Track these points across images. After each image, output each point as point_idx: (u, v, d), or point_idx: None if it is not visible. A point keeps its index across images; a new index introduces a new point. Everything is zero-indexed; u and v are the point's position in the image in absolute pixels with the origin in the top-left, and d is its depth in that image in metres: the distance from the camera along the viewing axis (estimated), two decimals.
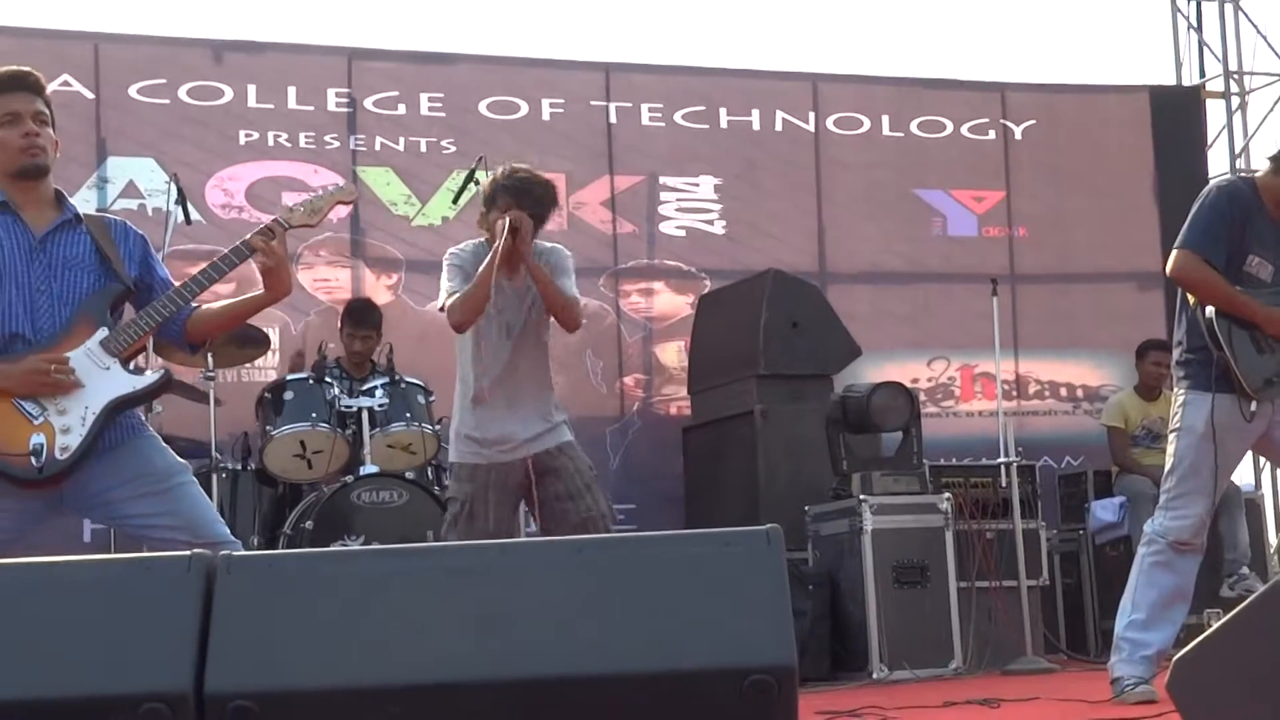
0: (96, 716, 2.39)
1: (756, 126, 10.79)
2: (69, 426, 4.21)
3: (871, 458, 8.33)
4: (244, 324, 7.23)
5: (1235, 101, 12.16)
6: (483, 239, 5.87)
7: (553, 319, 5.94)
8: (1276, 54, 12.10)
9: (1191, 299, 5.39)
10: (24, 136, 4.31)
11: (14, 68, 4.38)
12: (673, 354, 10.31)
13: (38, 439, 4.19)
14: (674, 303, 10.42)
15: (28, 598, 2.52)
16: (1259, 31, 12.12)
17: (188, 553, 2.55)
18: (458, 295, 5.67)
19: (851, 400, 8.35)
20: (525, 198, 5.81)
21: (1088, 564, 9.26)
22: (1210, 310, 5.26)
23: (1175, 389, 5.50)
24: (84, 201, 8.11)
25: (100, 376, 4.28)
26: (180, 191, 7.93)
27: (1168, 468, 5.45)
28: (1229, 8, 12.19)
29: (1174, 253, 5.35)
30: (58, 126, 4.46)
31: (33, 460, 4.17)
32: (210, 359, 7.42)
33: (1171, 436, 5.44)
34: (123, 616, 2.47)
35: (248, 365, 8.88)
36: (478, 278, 5.63)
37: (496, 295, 5.70)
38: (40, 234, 4.35)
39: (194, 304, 4.47)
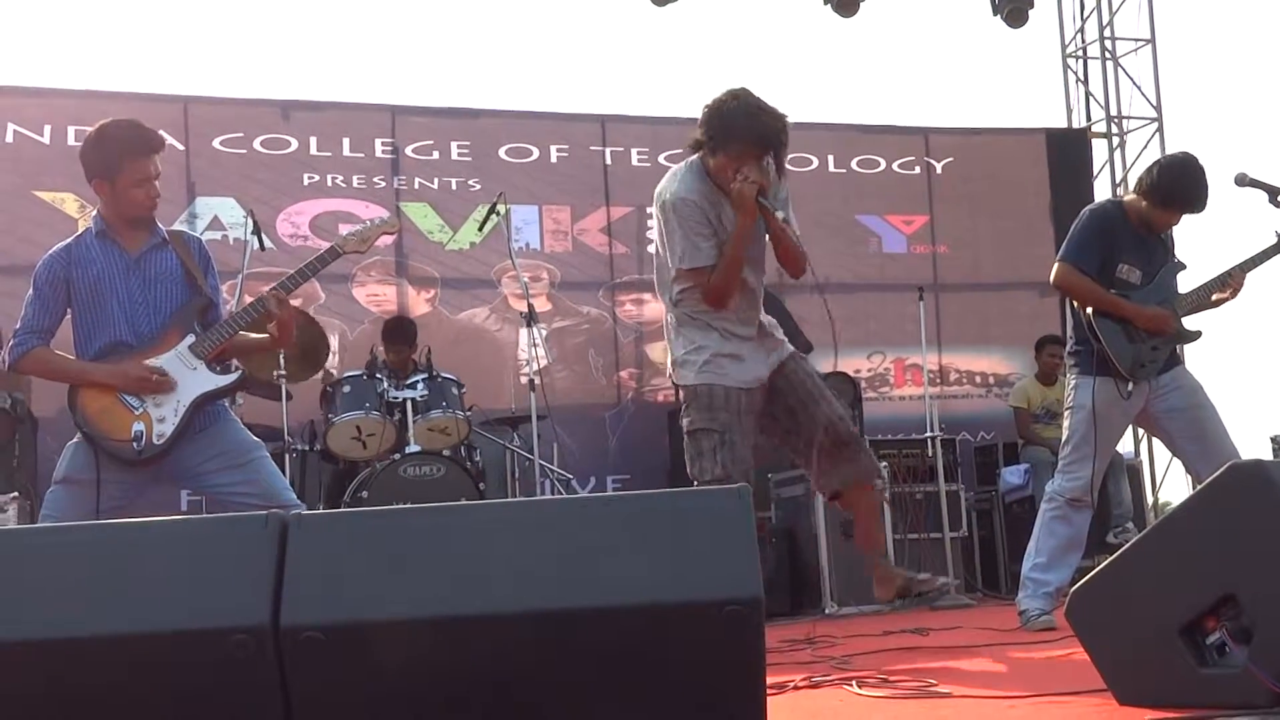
0: (192, 647, 2.39)
1: None
2: (164, 417, 4.24)
3: None
4: (310, 334, 7.31)
5: (1115, 141, 12.17)
6: (699, 176, 4.64)
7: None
8: (1149, 101, 12.11)
9: (1074, 303, 5.43)
10: (149, 197, 4.34)
11: (148, 130, 4.36)
12: (660, 351, 10.25)
13: (138, 427, 4.21)
14: (660, 310, 10.34)
15: (134, 551, 2.51)
16: (1134, 83, 12.15)
17: (265, 512, 2.54)
18: (716, 274, 4.60)
19: None
20: (766, 144, 4.54)
21: (999, 519, 9.27)
22: (1090, 310, 5.31)
23: (1067, 375, 5.53)
24: None
25: (189, 375, 4.29)
26: (256, 224, 7.92)
27: (1064, 439, 5.47)
28: (1110, 64, 12.20)
29: (1056, 265, 5.40)
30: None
31: (134, 445, 4.19)
32: (281, 360, 7.43)
33: (1066, 414, 5.46)
34: (212, 565, 2.46)
35: None
36: (730, 258, 4.58)
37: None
38: (136, 254, 4.35)
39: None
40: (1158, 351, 5.34)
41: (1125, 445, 11.17)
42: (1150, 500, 10.72)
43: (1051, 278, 5.42)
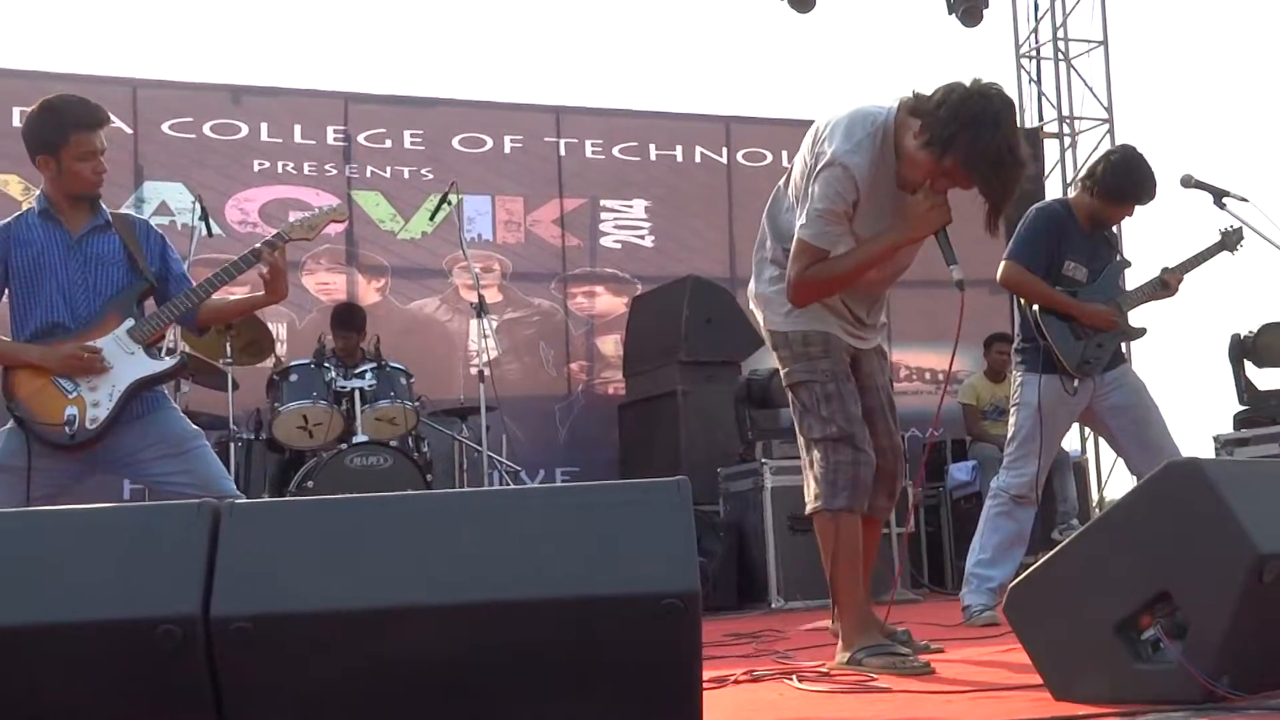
0: (119, 637, 2.36)
1: (680, 159, 10.80)
2: (98, 401, 4.18)
3: (772, 429, 8.32)
4: (255, 330, 7.26)
5: (1067, 141, 12.26)
6: (884, 146, 3.81)
7: None
8: (1100, 103, 12.20)
9: (1021, 301, 5.45)
10: (95, 173, 4.27)
11: (93, 104, 4.30)
12: (610, 345, 10.29)
13: (71, 411, 4.16)
14: (611, 303, 10.40)
15: (62, 539, 2.48)
16: (1086, 85, 12.25)
17: (197, 500, 2.51)
18: (822, 275, 3.91)
19: (755, 382, 8.36)
20: (991, 187, 3.78)
21: (946, 515, 9.31)
22: (1036, 307, 5.34)
23: (1014, 372, 5.56)
24: None
25: (126, 360, 4.23)
26: (204, 210, 7.86)
27: (1009, 435, 5.49)
28: (1062, 65, 12.28)
29: (1002, 264, 5.41)
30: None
31: (66, 429, 4.14)
32: (229, 349, 7.38)
33: (1012, 411, 5.49)
34: (142, 554, 2.43)
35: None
36: (851, 272, 3.95)
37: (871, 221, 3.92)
38: (77, 235, 4.29)
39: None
40: (1103, 349, 5.38)
41: (1071, 442, 11.24)
42: (1095, 497, 10.80)
43: (998, 276, 5.44)
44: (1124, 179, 5.33)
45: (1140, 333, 5.56)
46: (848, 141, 3.78)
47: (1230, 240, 5.59)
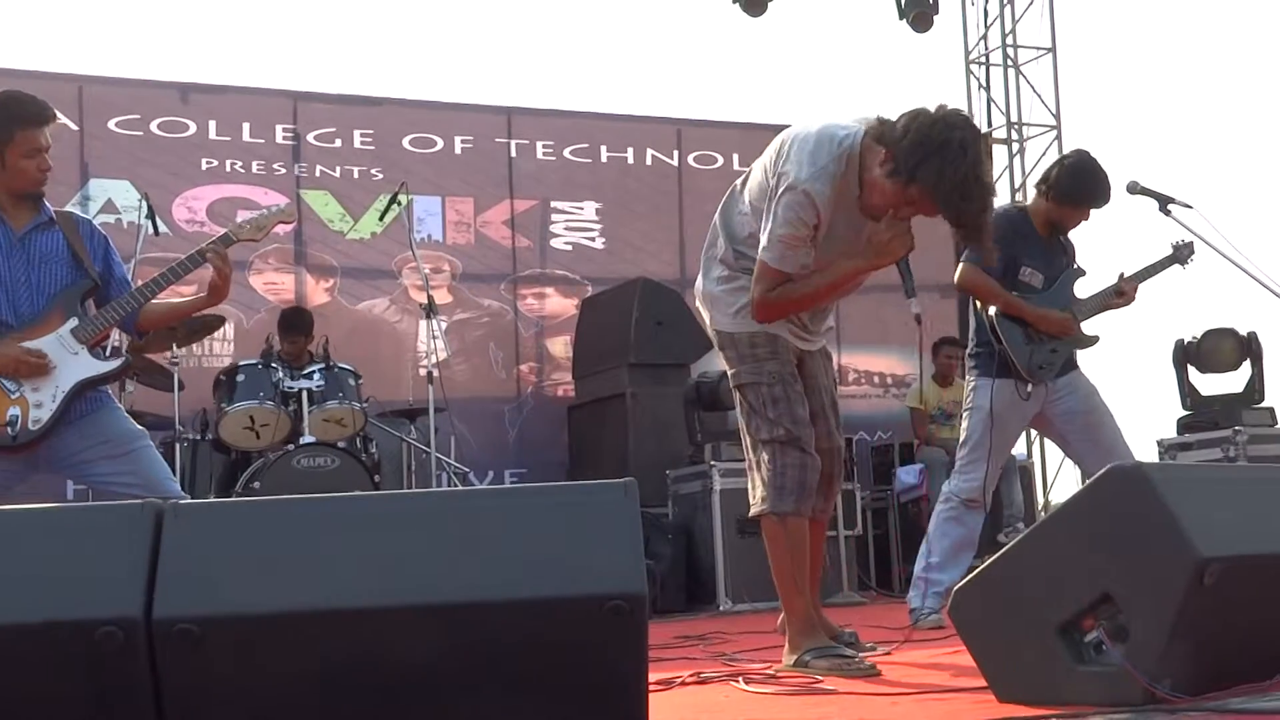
0: (59, 639, 2.33)
1: (631, 161, 10.80)
2: (41, 402, 4.13)
3: (720, 431, 8.34)
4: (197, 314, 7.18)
5: (1015, 147, 12.36)
6: (845, 168, 3.80)
7: None
8: (1049, 109, 12.30)
9: (978, 304, 5.48)
10: (40, 170, 4.23)
11: (39, 101, 4.25)
12: (560, 346, 10.28)
13: (13, 411, 4.11)
14: (562, 304, 10.39)
15: (1, 539, 2.44)
16: (1035, 91, 12.34)
17: (140, 500, 2.48)
18: (784, 298, 3.96)
19: (705, 384, 8.37)
20: (959, 216, 3.72)
21: (894, 518, 9.36)
22: (992, 310, 5.37)
23: (967, 376, 5.58)
24: None
25: (69, 360, 4.19)
26: (150, 208, 7.78)
27: (961, 439, 5.52)
28: (1011, 72, 12.38)
29: (960, 266, 5.43)
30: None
31: (8, 430, 4.09)
32: (175, 346, 7.32)
33: (965, 415, 5.51)
34: (82, 555, 2.40)
35: (206, 354, 8.76)
36: (819, 288, 3.97)
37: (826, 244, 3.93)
38: (20, 232, 4.24)
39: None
40: (1056, 354, 5.42)
41: (1018, 446, 11.34)
42: (1041, 501, 10.88)
43: (956, 278, 5.46)
44: (1079, 183, 5.37)
45: (1093, 340, 5.60)
46: (812, 166, 3.78)
47: (1181, 254, 5.67)
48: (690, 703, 3.52)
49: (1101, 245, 6.01)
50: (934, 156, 3.59)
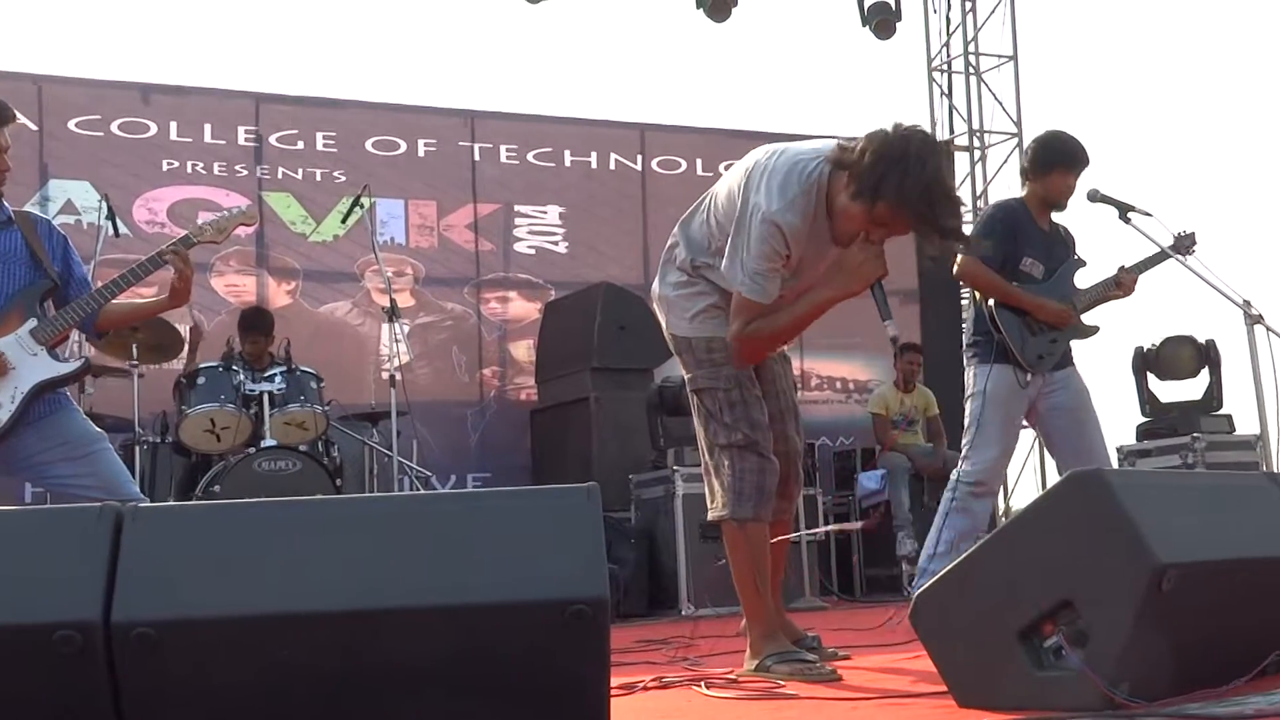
0: (16, 642, 2.31)
1: (594, 165, 10.80)
2: (0, 403, 4.09)
3: (684, 436, 8.31)
4: (162, 333, 7.15)
5: (977, 154, 12.44)
6: (813, 198, 3.78)
7: None
8: (1010, 117, 12.38)
9: (977, 295, 5.49)
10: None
11: None
12: (523, 350, 10.27)
13: None
14: (525, 308, 10.38)
15: None
16: (996, 99, 12.43)
17: (99, 503, 2.47)
18: (759, 335, 3.93)
19: (668, 389, 8.37)
20: (934, 229, 3.70)
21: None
22: (992, 301, 5.38)
23: (966, 365, 5.54)
24: None
25: (28, 361, 4.16)
26: (111, 209, 7.73)
27: (965, 426, 5.48)
28: (973, 79, 12.45)
29: (959, 257, 5.42)
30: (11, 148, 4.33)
31: None
32: (135, 350, 7.26)
33: (966, 402, 5.49)
34: (41, 558, 2.38)
35: None
36: (795, 319, 3.97)
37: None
38: None
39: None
40: (1056, 345, 5.43)
41: None
42: (1002, 507, 10.93)
43: (955, 269, 5.45)
44: (1053, 148, 5.44)
45: (1093, 331, 5.61)
46: (782, 198, 3.76)
47: (1184, 244, 5.61)
48: (652, 708, 3.52)
49: (1102, 239, 6.00)
50: (893, 171, 3.59)
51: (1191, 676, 2.95)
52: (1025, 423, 5.59)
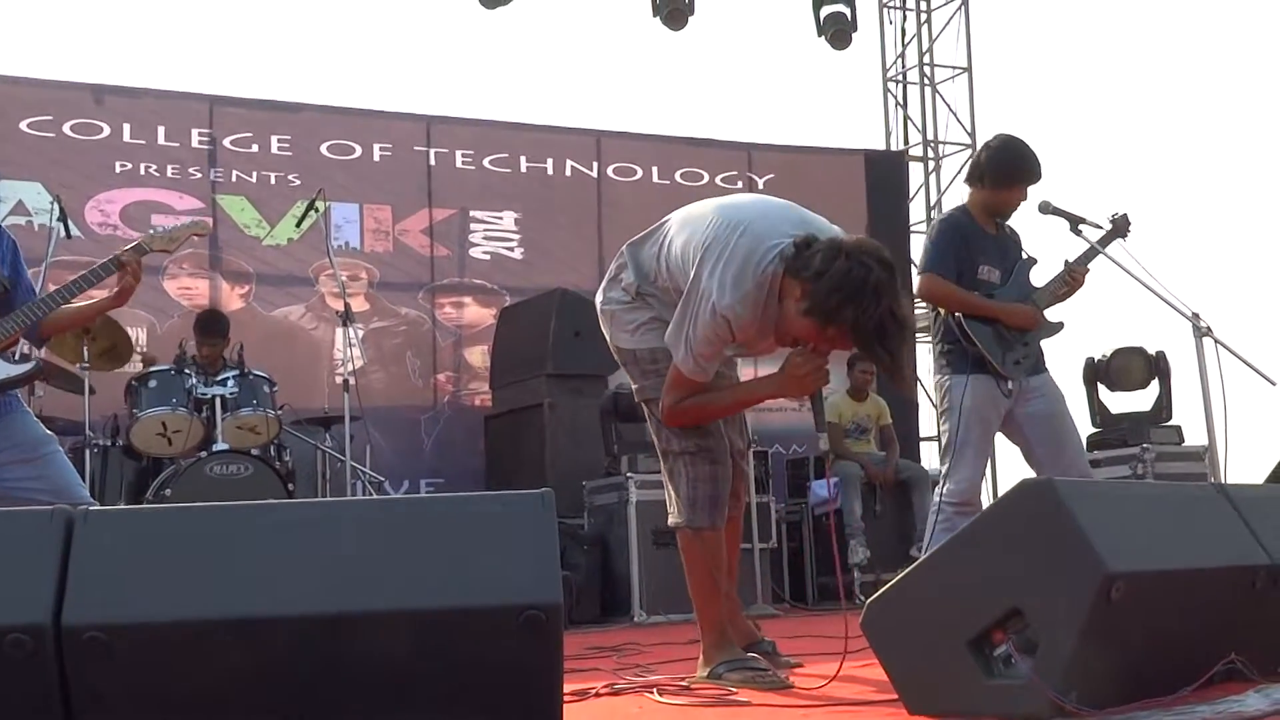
0: None
1: (550, 172, 10.80)
2: None
3: (637, 442, 8.33)
4: (115, 335, 7.10)
5: (931, 165, 12.52)
6: (763, 294, 3.81)
7: None
8: (964, 128, 12.47)
9: (943, 310, 5.43)
10: None
11: None
12: (478, 356, 10.25)
13: None
14: (480, 314, 10.37)
15: None
16: (951, 110, 12.53)
17: (50, 507, 2.45)
18: (696, 408, 4.02)
19: (622, 396, 8.37)
20: (885, 349, 3.66)
21: (808, 530, 9.39)
22: (959, 315, 5.33)
23: (938, 375, 5.43)
24: None
25: None
26: (63, 211, 7.65)
27: (942, 444, 5.39)
28: (928, 90, 12.55)
29: (917, 278, 5.39)
30: None
31: None
32: (86, 353, 7.20)
33: (940, 419, 5.40)
34: None
35: None
36: (732, 402, 4.18)
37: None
38: None
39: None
40: (1029, 348, 5.34)
41: (931, 461, 11.44)
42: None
43: (915, 290, 5.40)
44: (1008, 161, 5.34)
45: (1059, 327, 5.50)
46: (735, 292, 3.77)
47: (1121, 226, 5.54)
48: (604, 714, 3.53)
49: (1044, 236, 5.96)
50: (850, 302, 3.58)
51: (1140, 685, 2.98)
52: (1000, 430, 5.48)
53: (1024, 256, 5.55)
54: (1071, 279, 5.54)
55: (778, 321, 3.84)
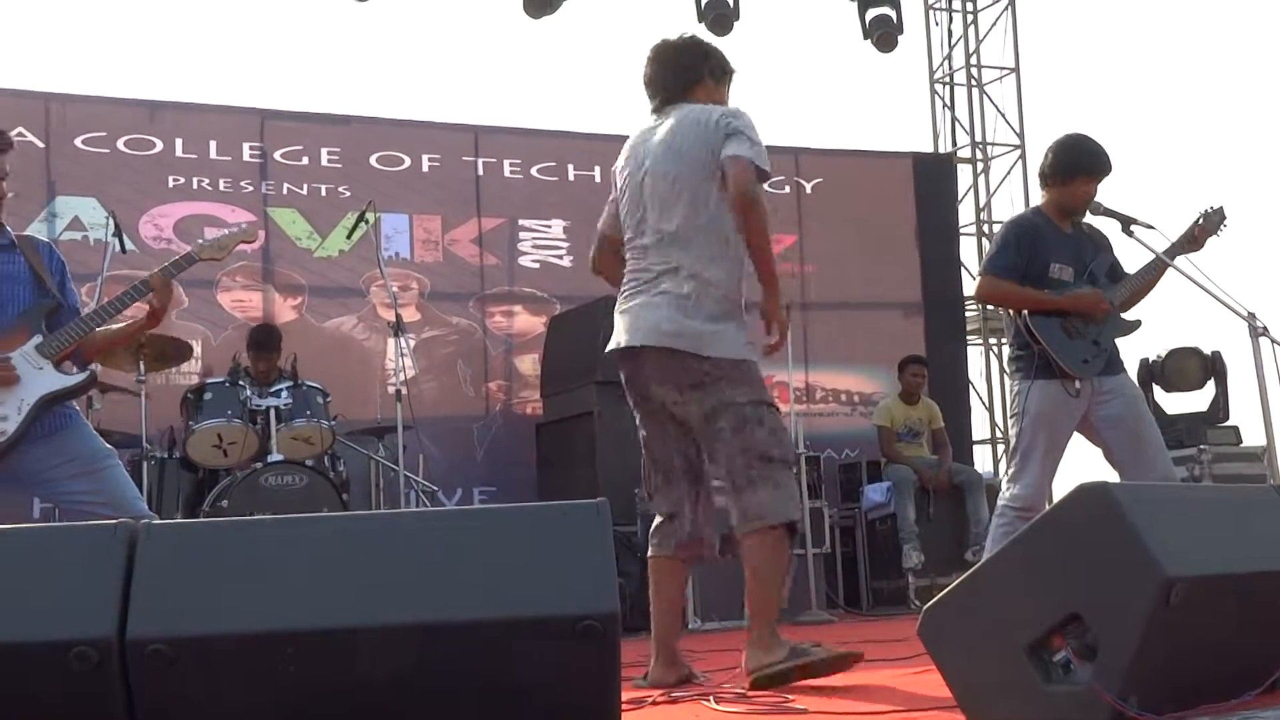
0: (32, 660, 2.33)
1: (598, 179, 10.79)
2: (6, 415, 4.13)
3: None
4: (164, 344, 7.17)
5: (980, 166, 12.45)
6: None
7: None
8: (1012, 129, 12.41)
9: (1009, 310, 5.40)
10: None
11: None
12: (529, 364, 10.28)
13: None
14: (530, 322, 10.39)
15: None
16: (999, 111, 12.45)
17: (114, 521, 2.49)
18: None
19: None
20: None
21: (861, 536, 9.38)
22: (1025, 313, 5.28)
23: (1010, 381, 5.43)
24: (35, 233, 7.93)
25: (34, 375, 4.19)
26: (118, 226, 7.73)
27: (1012, 448, 5.36)
28: (975, 92, 12.49)
29: (977, 279, 5.35)
30: (14, 170, 4.36)
31: None
32: (142, 366, 7.28)
33: (1011, 421, 5.35)
34: (56, 575, 2.40)
35: (174, 371, 8.71)
36: (768, 245, 4.66)
37: None
38: None
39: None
40: (1099, 345, 5.27)
41: (984, 464, 11.40)
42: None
43: (974, 292, 5.38)
44: (1073, 154, 5.31)
45: (1136, 325, 5.41)
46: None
47: (1213, 221, 5.47)
48: None
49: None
50: None
51: (1199, 690, 2.96)
52: (1078, 433, 5.40)
53: (1102, 254, 5.43)
54: (1155, 272, 5.41)
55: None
